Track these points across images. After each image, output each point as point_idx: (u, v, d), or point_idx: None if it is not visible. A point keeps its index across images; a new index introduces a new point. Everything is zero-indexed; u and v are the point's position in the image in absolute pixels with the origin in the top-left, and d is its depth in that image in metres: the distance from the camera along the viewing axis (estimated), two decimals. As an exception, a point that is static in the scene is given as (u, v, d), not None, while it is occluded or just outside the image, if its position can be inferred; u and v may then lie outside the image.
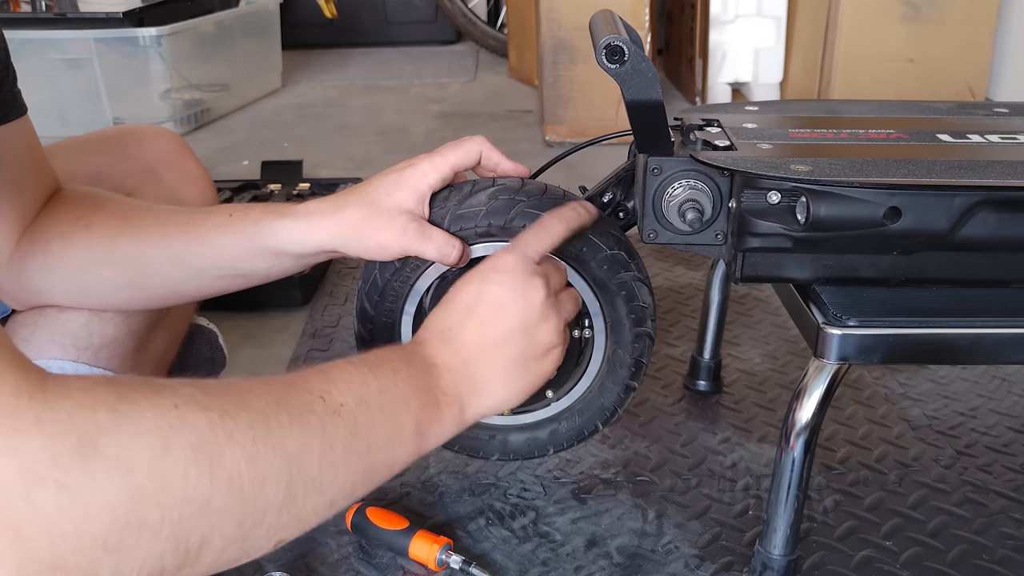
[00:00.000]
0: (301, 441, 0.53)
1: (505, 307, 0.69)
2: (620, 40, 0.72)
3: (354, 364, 0.61)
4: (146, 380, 0.50)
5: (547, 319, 0.70)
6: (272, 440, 0.51)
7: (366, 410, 0.58)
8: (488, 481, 0.99)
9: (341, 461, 0.56)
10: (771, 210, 0.75)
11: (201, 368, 1.12)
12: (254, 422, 0.51)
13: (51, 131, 1.32)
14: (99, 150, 0.96)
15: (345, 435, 0.56)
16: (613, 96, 2.19)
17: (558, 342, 0.72)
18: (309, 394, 0.56)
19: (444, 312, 0.70)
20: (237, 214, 0.78)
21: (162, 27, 2.35)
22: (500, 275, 0.69)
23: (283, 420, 0.53)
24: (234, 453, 0.49)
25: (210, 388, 0.51)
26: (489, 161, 0.82)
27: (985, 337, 0.76)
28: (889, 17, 2.27)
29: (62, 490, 0.43)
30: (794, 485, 0.78)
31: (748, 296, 1.41)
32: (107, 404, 0.46)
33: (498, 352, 0.69)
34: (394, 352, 0.65)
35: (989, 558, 0.87)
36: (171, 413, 0.48)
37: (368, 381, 0.60)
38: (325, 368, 0.60)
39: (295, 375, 0.58)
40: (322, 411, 0.55)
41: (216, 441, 0.49)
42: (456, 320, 0.69)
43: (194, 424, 0.48)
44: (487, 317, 0.68)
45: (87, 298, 0.83)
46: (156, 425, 0.47)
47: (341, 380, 0.59)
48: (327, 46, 3.57)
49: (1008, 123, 0.92)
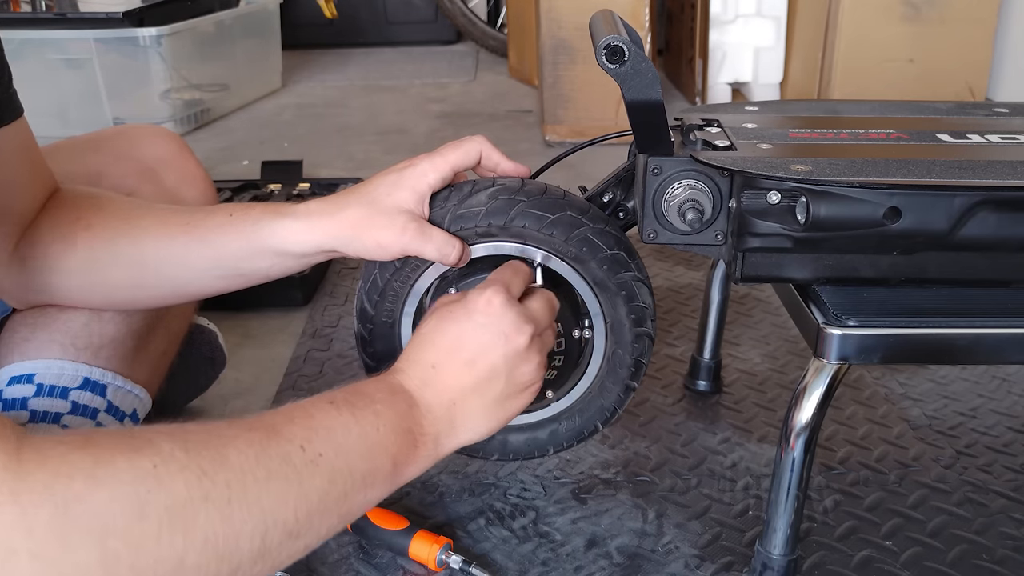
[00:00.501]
0: (278, 495, 0.54)
1: (489, 350, 0.70)
2: (620, 40, 0.72)
3: (338, 407, 0.62)
4: (127, 437, 0.50)
5: (528, 360, 0.72)
6: (248, 497, 0.52)
7: (344, 458, 0.60)
8: (488, 481, 0.99)
9: (317, 509, 0.57)
10: (771, 210, 0.75)
11: (201, 368, 1.13)
12: (231, 481, 0.52)
13: (51, 131, 1.32)
14: (98, 150, 0.96)
15: (322, 484, 0.57)
16: (613, 96, 2.19)
17: (536, 380, 0.73)
18: (289, 444, 0.57)
19: (429, 346, 0.70)
20: (237, 214, 0.78)
21: (162, 27, 2.35)
22: (486, 317, 0.70)
23: (260, 475, 0.54)
24: (209, 514, 0.50)
25: (191, 443, 0.52)
26: (489, 161, 0.82)
27: (985, 337, 0.76)
28: (889, 17, 2.27)
29: (35, 560, 0.44)
30: (794, 485, 0.78)
31: (748, 296, 1.41)
32: (84, 470, 0.46)
33: (479, 392, 0.70)
34: (379, 391, 0.66)
35: (989, 558, 0.87)
36: (149, 475, 0.48)
37: (350, 427, 0.61)
38: (310, 409, 0.61)
39: (280, 417, 0.59)
40: (301, 463, 0.56)
41: (192, 503, 0.49)
42: (441, 357, 0.69)
43: (171, 486, 0.49)
44: (471, 358, 0.69)
45: (88, 298, 0.83)
46: (133, 489, 0.47)
47: (323, 427, 0.60)
48: (327, 46, 3.57)
49: (1008, 123, 0.92)
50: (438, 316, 0.72)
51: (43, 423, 0.80)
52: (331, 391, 0.64)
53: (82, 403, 0.82)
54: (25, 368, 0.82)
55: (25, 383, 0.81)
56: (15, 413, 0.80)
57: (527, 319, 0.72)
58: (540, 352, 0.73)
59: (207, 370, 1.14)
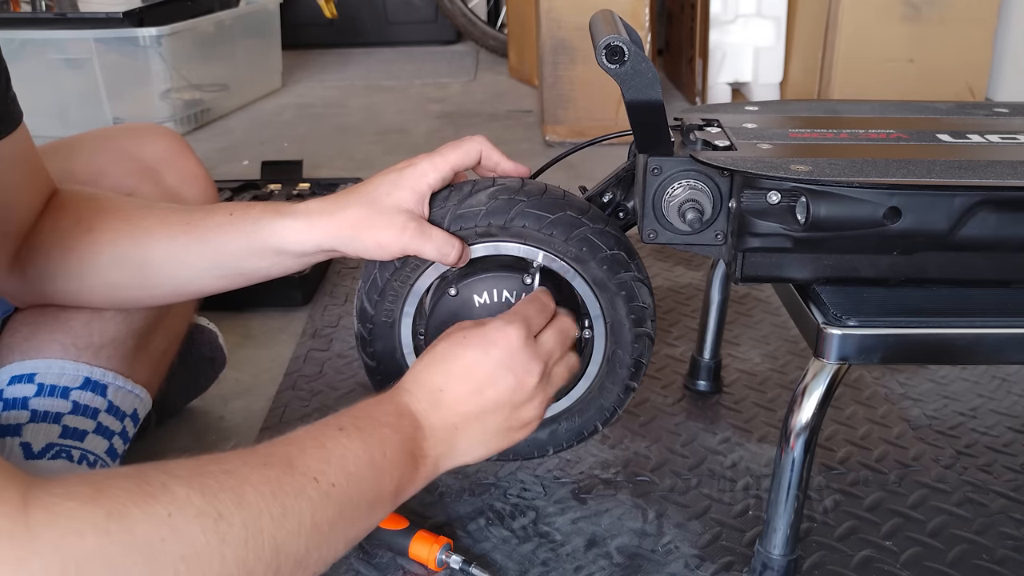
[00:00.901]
0: (292, 530, 0.55)
1: (499, 383, 0.71)
2: (620, 40, 0.72)
3: (348, 435, 0.62)
4: (141, 482, 0.49)
5: (533, 399, 0.73)
6: (264, 536, 0.53)
7: (355, 486, 0.60)
8: (488, 481, 0.99)
9: (327, 538, 0.58)
10: (771, 210, 0.75)
11: (201, 368, 1.13)
12: (247, 521, 0.52)
13: (51, 131, 1.32)
14: (99, 149, 0.96)
15: (333, 514, 0.58)
16: (613, 96, 2.19)
17: (536, 419, 0.74)
18: (303, 476, 0.57)
19: (439, 369, 0.71)
20: (237, 213, 0.78)
21: (162, 27, 2.35)
22: (502, 352, 0.71)
23: (275, 512, 0.54)
24: (225, 557, 0.50)
25: (207, 486, 0.51)
26: (489, 161, 0.82)
27: (985, 337, 0.76)
28: (889, 17, 2.27)
29: None
30: (794, 485, 0.78)
31: (748, 296, 1.41)
32: (95, 526, 0.46)
33: (481, 421, 0.71)
34: (387, 414, 0.67)
35: (989, 558, 0.87)
36: (164, 524, 0.48)
37: (360, 455, 0.62)
38: (321, 439, 0.61)
39: (294, 448, 0.59)
40: (315, 494, 0.57)
41: (208, 548, 0.49)
42: (450, 383, 0.70)
43: (186, 534, 0.49)
44: (479, 388, 0.70)
45: (90, 298, 0.83)
46: (147, 540, 0.47)
47: (335, 456, 0.60)
48: (327, 46, 3.57)
49: (1008, 123, 0.92)
50: (453, 340, 0.72)
51: (44, 423, 0.80)
52: (339, 415, 0.65)
53: (83, 403, 0.82)
54: (26, 368, 0.82)
55: (26, 383, 0.81)
56: (16, 413, 0.80)
57: (540, 359, 0.73)
58: (545, 391, 0.74)
59: (207, 370, 1.14)
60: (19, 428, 0.79)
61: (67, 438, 0.81)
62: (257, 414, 1.13)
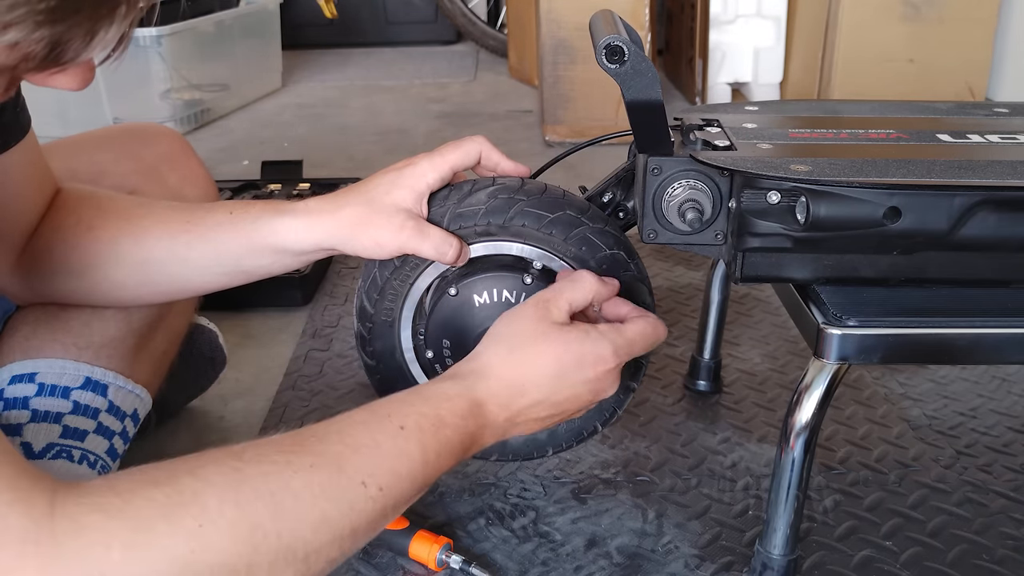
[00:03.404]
0: (329, 535, 0.53)
1: (580, 396, 0.71)
2: (620, 40, 0.72)
3: (407, 436, 0.60)
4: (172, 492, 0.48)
5: (590, 405, 0.73)
6: (298, 543, 0.51)
7: (399, 487, 0.59)
8: (488, 481, 0.99)
9: (363, 534, 0.57)
10: (771, 210, 0.75)
11: (201, 368, 1.13)
12: (283, 532, 0.51)
13: (51, 131, 1.32)
14: (102, 148, 0.96)
15: (373, 517, 0.57)
16: (613, 96, 2.19)
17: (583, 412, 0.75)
18: (352, 481, 0.55)
19: (522, 365, 0.69)
20: (237, 212, 0.78)
21: (162, 27, 2.35)
22: (594, 375, 0.70)
23: (314, 519, 0.52)
24: (257, 566, 0.49)
25: (243, 494, 0.50)
26: (489, 161, 0.82)
27: (985, 337, 0.76)
28: (889, 17, 2.27)
29: None
30: (794, 485, 0.78)
31: (748, 296, 1.41)
32: (122, 540, 0.45)
33: (543, 423, 0.71)
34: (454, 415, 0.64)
35: (989, 558, 0.87)
36: (193, 537, 0.47)
37: (415, 458, 0.60)
38: (378, 436, 0.59)
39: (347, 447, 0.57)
40: (359, 500, 0.56)
41: (240, 559, 0.48)
42: (529, 387, 0.68)
43: (217, 545, 0.48)
44: (559, 402, 0.70)
45: (92, 297, 0.83)
46: (175, 554, 0.46)
47: (389, 458, 0.58)
48: (327, 46, 3.57)
49: (1008, 123, 0.92)
50: (546, 336, 0.69)
51: (44, 423, 0.80)
52: (402, 405, 0.62)
53: (83, 403, 0.82)
54: (26, 367, 0.82)
55: (27, 382, 0.81)
56: (16, 412, 0.80)
57: (619, 381, 0.73)
58: (599, 398, 0.73)
59: (207, 370, 1.14)
60: (20, 428, 0.79)
61: (68, 438, 0.81)
62: (257, 414, 1.13)
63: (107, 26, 0.47)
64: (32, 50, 0.45)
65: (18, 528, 0.43)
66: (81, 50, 0.47)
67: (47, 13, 0.44)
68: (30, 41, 0.44)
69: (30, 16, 0.43)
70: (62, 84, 0.50)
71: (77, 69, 0.50)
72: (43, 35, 0.44)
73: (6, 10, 0.43)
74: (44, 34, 0.44)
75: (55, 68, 0.48)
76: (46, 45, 0.45)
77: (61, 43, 0.46)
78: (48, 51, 0.46)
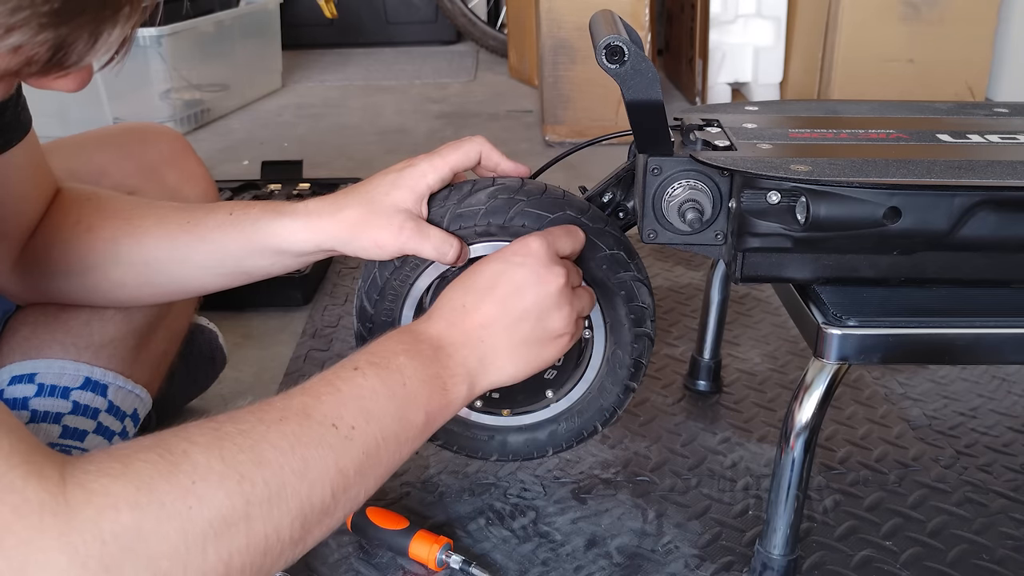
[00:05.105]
0: (315, 480, 0.55)
1: (523, 288, 0.71)
2: (620, 40, 0.72)
3: (363, 372, 0.62)
4: (163, 452, 0.51)
5: (560, 308, 0.72)
6: (287, 491, 0.54)
7: (377, 423, 0.60)
8: (488, 481, 0.99)
9: (353, 482, 0.58)
10: (771, 210, 0.75)
11: (201, 368, 1.13)
12: (269, 479, 0.53)
13: (51, 131, 1.32)
14: (102, 148, 0.96)
15: (357, 456, 0.58)
16: (613, 96, 2.19)
17: (567, 331, 0.73)
18: (321, 425, 0.57)
19: (461, 289, 0.72)
20: (237, 212, 0.78)
21: (162, 27, 2.35)
22: (522, 257, 0.71)
23: (296, 466, 0.54)
24: (251, 516, 0.51)
25: (226, 449, 0.52)
26: (489, 161, 0.82)
27: (985, 337, 0.76)
28: (889, 17, 2.27)
29: None
30: (794, 485, 0.78)
31: (748, 296, 1.41)
32: (128, 501, 0.47)
33: (509, 330, 0.70)
34: (398, 343, 0.66)
35: (989, 558, 0.87)
36: (190, 493, 0.49)
37: (378, 391, 0.61)
38: (336, 382, 0.61)
39: (308, 397, 0.59)
40: (336, 441, 0.57)
41: (234, 511, 0.51)
42: (473, 297, 0.70)
43: (212, 499, 0.50)
44: (504, 296, 0.70)
45: (91, 297, 0.83)
46: (176, 510, 0.49)
47: (352, 397, 0.60)
48: (327, 46, 3.57)
49: (1008, 123, 0.92)
50: (477, 263, 0.73)
51: (44, 423, 0.80)
52: (354, 355, 0.65)
53: (83, 403, 0.82)
54: (26, 368, 0.82)
55: (26, 383, 0.81)
56: (16, 413, 0.80)
57: (563, 268, 0.72)
58: (571, 304, 0.73)
59: (207, 370, 1.14)
60: (19, 428, 0.79)
61: (67, 438, 0.81)
62: (257, 414, 1.13)
63: (111, 28, 0.47)
64: (35, 53, 0.46)
65: (36, 500, 0.45)
66: (85, 53, 0.47)
67: (51, 16, 0.44)
68: (33, 44, 0.45)
69: (34, 19, 0.44)
70: (61, 86, 0.51)
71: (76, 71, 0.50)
72: (47, 38, 0.45)
73: (9, 13, 0.43)
74: (48, 37, 0.45)
75: (58, 72, 0.48)
76: (49, 48, 0.46)
77: (65, 46, 0.46)
78: (52, 54, 0.46)
